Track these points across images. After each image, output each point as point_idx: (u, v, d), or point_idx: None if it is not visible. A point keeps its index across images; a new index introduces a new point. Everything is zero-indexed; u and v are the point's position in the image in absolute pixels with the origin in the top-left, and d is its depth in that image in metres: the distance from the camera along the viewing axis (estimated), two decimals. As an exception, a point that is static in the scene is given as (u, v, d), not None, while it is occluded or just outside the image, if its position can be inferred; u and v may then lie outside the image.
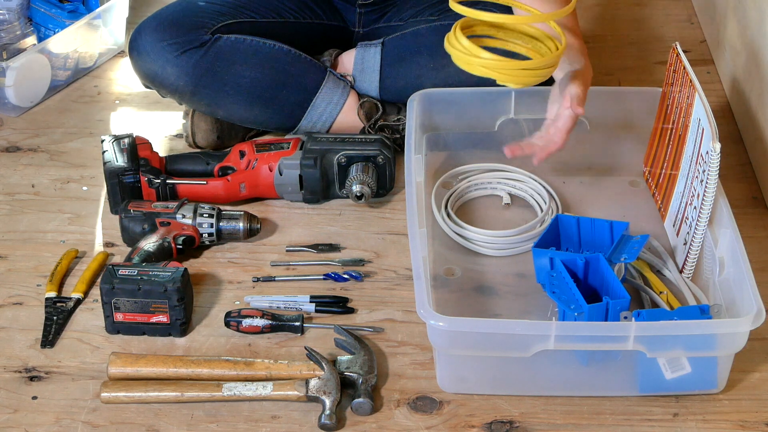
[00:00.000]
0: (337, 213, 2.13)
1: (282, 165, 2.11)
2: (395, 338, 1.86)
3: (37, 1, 2.47)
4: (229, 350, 1.84)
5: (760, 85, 2.19)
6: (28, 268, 2.01)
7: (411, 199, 1.90)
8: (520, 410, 1.73)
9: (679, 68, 1.98)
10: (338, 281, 1.97)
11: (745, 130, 2.30)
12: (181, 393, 1.73)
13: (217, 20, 2.18)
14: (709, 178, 1.80)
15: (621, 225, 1.90)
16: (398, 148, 2.18)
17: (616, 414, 1.72)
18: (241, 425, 1.71)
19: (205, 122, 2.24)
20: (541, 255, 1.88)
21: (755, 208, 2.13)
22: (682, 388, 1.73)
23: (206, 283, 1.97)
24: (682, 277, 1.93)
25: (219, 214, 2.03)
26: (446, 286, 1.94)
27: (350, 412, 1.72)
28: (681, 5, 2.80)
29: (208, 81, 2.15)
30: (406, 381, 1.78)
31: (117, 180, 2.08)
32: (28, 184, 2.22)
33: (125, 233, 2.03)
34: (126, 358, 1.78)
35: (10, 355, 1.83)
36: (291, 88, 2.18)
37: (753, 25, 2.26)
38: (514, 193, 2.13)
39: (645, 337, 1.65)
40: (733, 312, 1.75)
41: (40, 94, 2.45)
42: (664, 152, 2.05)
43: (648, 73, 2.53)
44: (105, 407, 1.74)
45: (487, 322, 1.74)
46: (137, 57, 2.17)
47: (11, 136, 2.35)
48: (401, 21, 2.30)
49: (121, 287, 1.82)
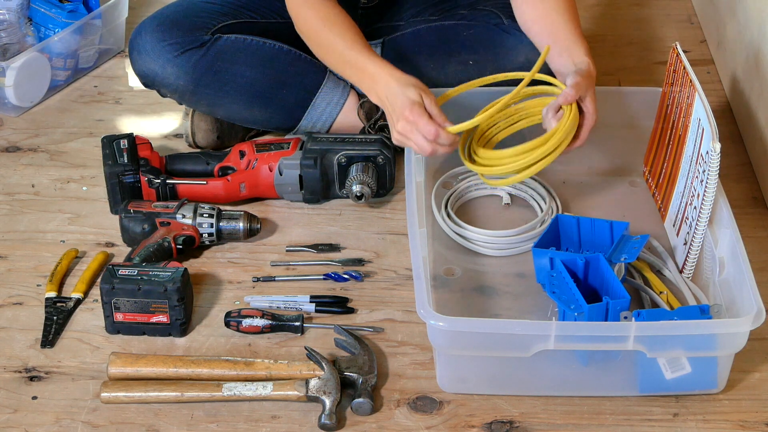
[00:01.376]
0: (337, 213, 2.13)
1: (282, 165, 2.11)
2: (395, 338, 1.86)
3: (37, 1, 2.47)
4: (229, 350, 1.84)
5: (760, 85, 2.19)
6: (28, 268, 2.01)
7: (411, 199, 1.90)
8: (520, 410, 1.73)
9: (679, 68, 1.98)
10: (338, 281, 1.97)
11: (745, 130, 2.30)
12: (181, 393, 1.73)
13: (217, 20, 2.18)
14: (709, 178, 1.80)
15: (621, 225, 1.90)
16: (398, 148, 2.18)
17: (616, 414, 1.72)
18: (241, 425, 1.71)
19: (205, 122, 2.24)
20: (541, 255, 1.88)
21: (755, 208, 2.13)
22: (682, 388, 1.73)
23: (206, 283, 1.97)
24: (682, 277, 1.93)
25: (219, 214, 2.03)
26: (446, 286, 1.94)
27: (350, 412, 1.72)
28: (681, 5, 2.80)
29: (208, 81, 2.15)
30: (406, 381, 1.78)
31: (117, 180, 2.08)
32: (28, 184, 2.22)
33: (125, 233, 2.03)
34: (126, 358, 1.78)
35: (10, 355, 1.83)
36: (291, 88, 2.18)
37: (753, 25, 2.26)
38: (514, 193, 2.13)
39: (645, 337, 1.65)
40: (733, 312, 1.75)
41: (40, 94, 2.45)
42: (664, 152, 2.05)
43: (648, 73, 2.53)
44: (105, 407, 1.74)
45: (487, 322, 1.74)
46: (137, 57, 2.17)
47: (11, 136, 2.36)
48: (401, 21, 2.30)
49: (121, 287, 1.82)
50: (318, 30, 2.07)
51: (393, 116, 1.97)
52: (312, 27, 2.08)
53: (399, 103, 1.94)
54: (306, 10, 2.08)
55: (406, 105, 1.93)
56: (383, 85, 1.98)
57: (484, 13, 2.25)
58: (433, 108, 1.93)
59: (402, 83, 1.96)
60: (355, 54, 2.03)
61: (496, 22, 2.22)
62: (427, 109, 1.93)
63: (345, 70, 2.07)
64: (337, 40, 2.04)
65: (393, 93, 1.96)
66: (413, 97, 1.93)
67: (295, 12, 2.11)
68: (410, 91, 1.94)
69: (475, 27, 2.23)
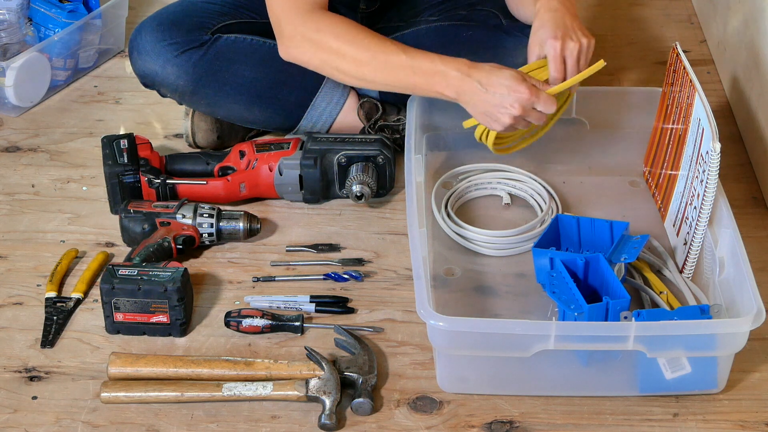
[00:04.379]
0: (337, 213, 2.13)
1: (282, 165, 2.11)
2: (395, 338, 1.86)
3: (37, 1, 2.47)
4: (229, 350, 1.84)
5: (760, 85, 2.19)
6: (28, 268, 2.01)
7: (411, 199, 1.90)
8: (520, 410, 1.73)
9: (679, 68, 1.98)
10: (338, 281, 1.97)
11: (745, 130, 2.30)
12: (181, 393, 1.73)
13: (217, 20, 2.18)
14: (709, 178, 1.80)
15: (621, 225, 1.90)
16: (398, 148, 2.18)
17: (616, 414, 1.72)
18: (241, 425, 1.71)
19: (205, 122, 2.24)
20: (541, 255, 1.88)
21: (755, 208, 2.13)
22: (682, 388, 1.73)
23: (206, 283, 1.97)
24: (682, 277, 1.93)
25: (219, 214, 2.03)
26: (446, 286, 1.94)
27: (350, 412, 1.72)
28: (681, 5, 2.80)
29: (208, 81, 2.15)
30: (406, 381, 1.78)
31: (117, 180, 2.08)
32: (28, 184, 2.22)
33: (125, 233, 2.03)
34: (126, 358, 1.78)
35: (10, 355, 1.83)
36: (291, 87, 2.18)
37: (753, 25, 2.26)
38: (514, 193, 2.13)
39: (645, 337, 1.65)
40: (733, 312, 1.75)
41: (40, 94, 2.45)
42: (664, 152, 2.05)
43: (648, 73, 2.53)
44: (105, 407, 1.74)
45: (487, 322, 1.74)
46: (137, 57, 2.17)
47: (11, 136, 2.36)
48: (401, 21, 2.30)
49: (121, 287, 1.82)
50: (348, 37, 1.94)
51: (498, 106, 1.88)
52: (336, 36, 1.94)
53: (505, 86, 1.87)
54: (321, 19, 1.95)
55: (515, 86, 1.86)
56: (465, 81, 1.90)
57: (483, 14, 2.25)
58: (531, 78, 1.90)
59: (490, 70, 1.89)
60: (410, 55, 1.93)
61: (495, 23, 2.22)
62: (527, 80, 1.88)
63: (399, 76, 1.94)
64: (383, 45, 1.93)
65: (485, 83, 1.88)
66: (515, 75, 1.88)
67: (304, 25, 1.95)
68: (508, 72, 1.88)
69: (474, 28, 2.23)
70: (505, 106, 1.89)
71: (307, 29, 1.97)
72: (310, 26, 1.97)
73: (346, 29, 1.96)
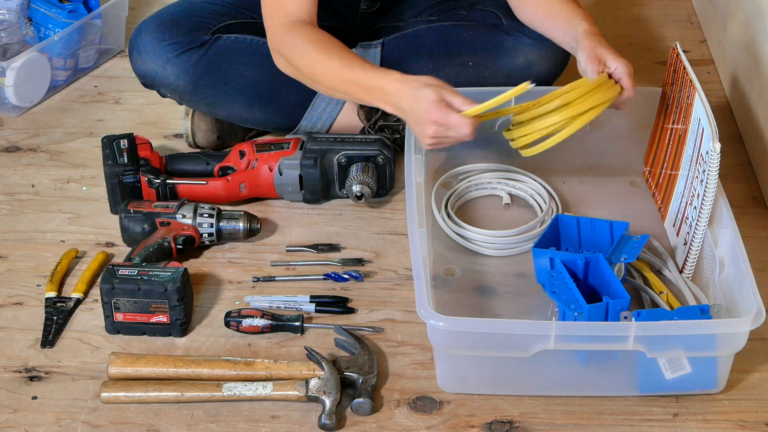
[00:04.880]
0: (337, 213, 2.13)
1: (282, 165, 2.11)
2: (395, 338, 1.86)
3: (37, 1, 2.47)
4: (229, 350, 1.84)
5: (760, 85, 2.19)
6: (28, 268, 2.01)
7: (411, 199, 1.90)
8: (520, 410, 1.73)
9: (679, 68, 1.98)
10: (338, 281, 1.97)
11: (745, 130, 2.30)
12: (181, 393, 1.73)
13: (217, 20, 2.18)
14: (709, 178, 1.80)
15: (621, 225, 1.90)
16: (398, 148, 2.18)
17: (616, 414, 1.72)
18: (241, 425, 1.71)
19: (205, 122, 2.24)
20: (541, 255, 1.88)
21: (755, 208, 2.13)
22: (682, 388, 1.73)
23: (206, 283, 1.97)
24: (682, 277, 1.93)
25: (219, 214, 2.03)
26: (446, 286, 1.94)
27: (350, 412, 1.72)
28: (681, 5, 2.80)
29: (208, 81, 2.15)
30: (406, 381, 1.78)
31: (117, 180, 2.08)
32: (28, 184, 2.22)
33: (125, 233, 2.03)
34: (126, 358, 1.78)
35: (10, 355, 1.83)
36: (291, 87, 2.18)
37: (753, 25, 2.26)
38: (514, 193, 2.13)
39: (645, 337, 1.65)
40: (733, 312, 1.75)
41: (40, 94, 2.45)
42: (664, 152, 2.05)
43: (648, 73, 2.52)
44: (105, 407, 1.74)
45: (487, 322, 1.74)
46: (137, 57, 2.17)
47: (11, 136, 2.36)
48: (401, 21, 2.30)
49: (121, 287, 1.82)
50: (308, 55, 1.98)
51: (419, 125, 1.88)
52: (301, 54, 1.99)
53: (421, 108, 1.86)
54: (291, 37, 1.99)
55: (429, 108, 1.85)
56: (396, 96, 1.90)
57: (483, 14, 2.25)
58: (455, 98, 1.86)
59: (414, 88, 1.88)
60: (353, 72, 1.95)
61: (495, 23, 2.22)
62: (449, 102, 1.85)
63: (348, 90, 1.97)
64: (333, 62, 1.96)
65: (409, 100, 1.88)
66: (432, 96, 1.85)
67: (279, 41, 2.01)
68: (427, 92, 1.86)
69: (474, 28, 2.23)
70: (423, 125, 1.88)
71: (280, 44, 2.03)
72: (283, 42, 2.02)
73: (312, 47, 1.98)
